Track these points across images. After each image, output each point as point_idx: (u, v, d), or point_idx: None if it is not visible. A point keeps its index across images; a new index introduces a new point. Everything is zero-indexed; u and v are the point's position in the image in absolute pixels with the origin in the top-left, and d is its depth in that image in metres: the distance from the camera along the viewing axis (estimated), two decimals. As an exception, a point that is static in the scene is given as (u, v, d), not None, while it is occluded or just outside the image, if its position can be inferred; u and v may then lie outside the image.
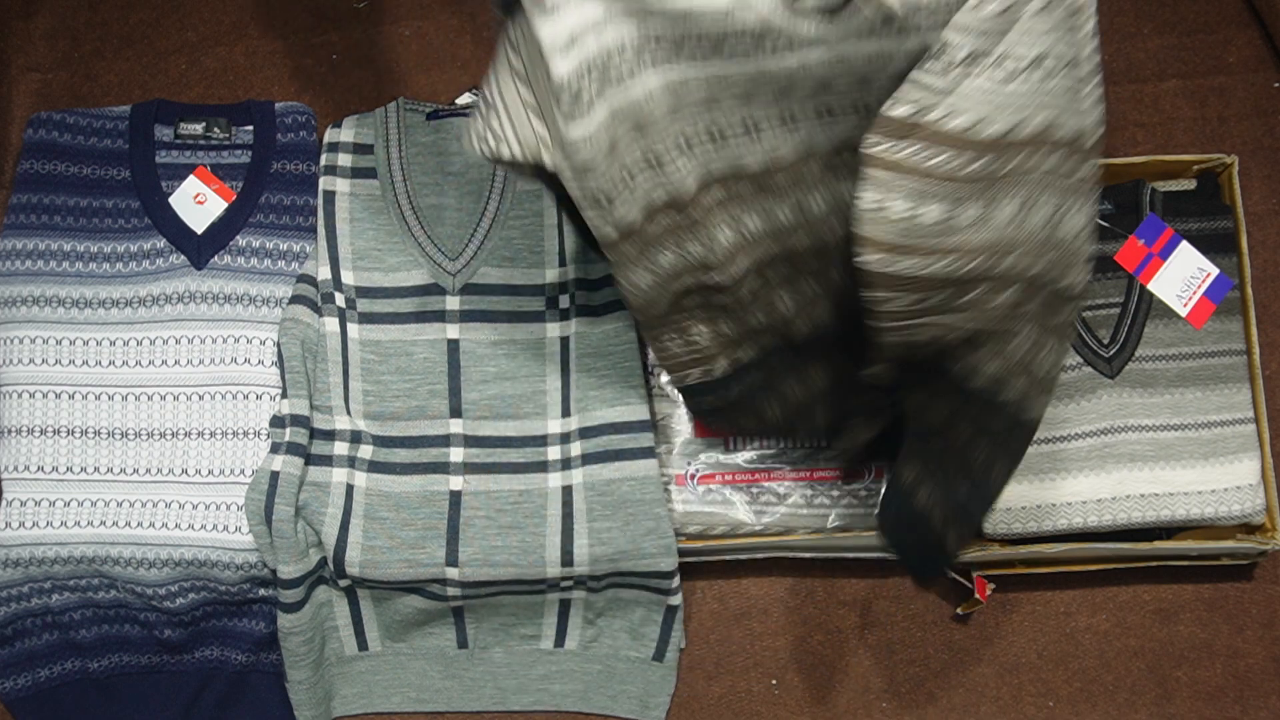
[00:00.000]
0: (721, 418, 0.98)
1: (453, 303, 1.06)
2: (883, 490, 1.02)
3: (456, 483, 1.03)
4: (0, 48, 1.22)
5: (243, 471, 1.03)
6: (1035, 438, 1.01)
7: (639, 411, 1.02)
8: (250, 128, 1.13)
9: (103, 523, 1.02)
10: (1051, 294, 0.74)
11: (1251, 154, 1.17)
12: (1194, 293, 1.04)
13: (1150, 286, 1.05)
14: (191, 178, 1.11)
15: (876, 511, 1.01)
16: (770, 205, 0.79)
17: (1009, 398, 0.78)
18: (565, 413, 1.04)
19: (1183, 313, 1.04)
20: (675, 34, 0.69)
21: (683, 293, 0.84)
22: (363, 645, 1.06)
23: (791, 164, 0.77)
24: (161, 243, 1.08)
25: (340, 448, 1.02)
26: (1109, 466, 1.01)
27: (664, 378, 1.06)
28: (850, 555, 1.05)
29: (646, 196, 0.76)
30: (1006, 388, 0.78)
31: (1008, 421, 0.80)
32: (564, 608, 1.04)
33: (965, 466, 0.82)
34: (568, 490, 1.01)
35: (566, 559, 0.99)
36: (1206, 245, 1.05)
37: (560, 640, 1.06)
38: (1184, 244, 1.05)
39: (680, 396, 1.06)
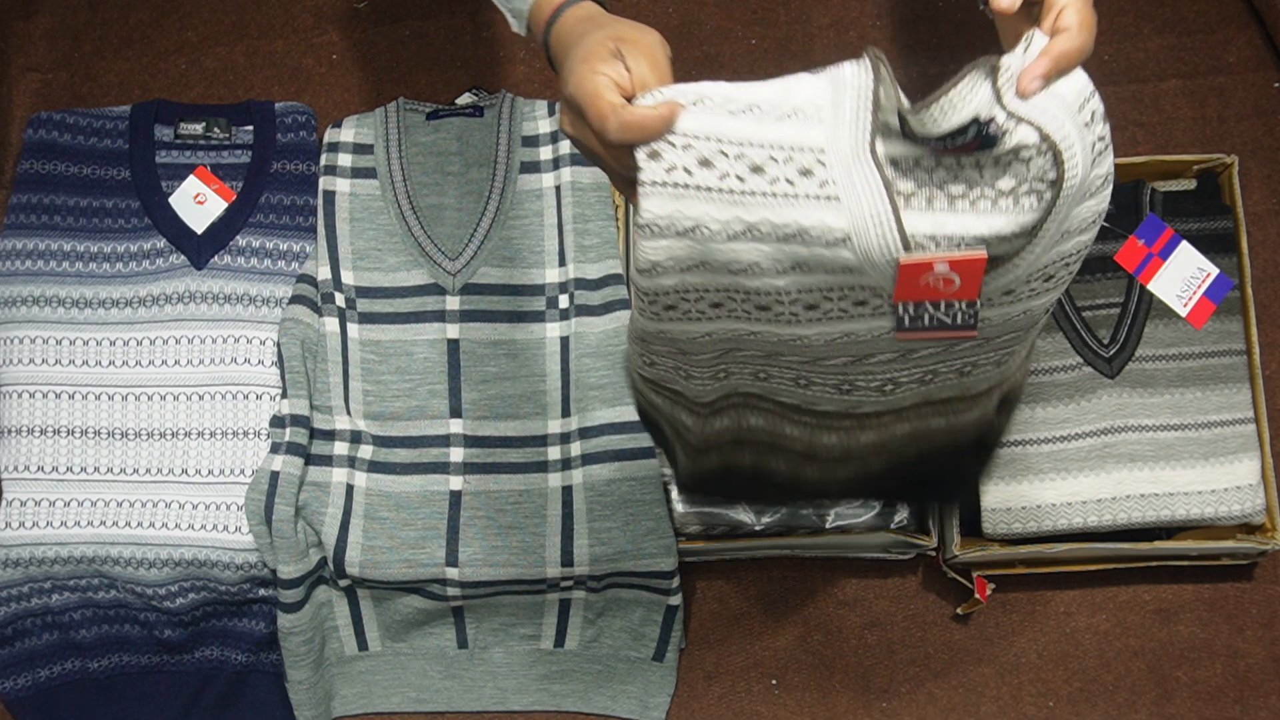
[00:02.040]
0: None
1: (452, 303, 1.06)
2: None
3: (456, 483, 1.02)
4: (0, 48, 1.22)
5: (243, 471, 1.03)
6: (1036, 438, 1.01)
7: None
8: (250, 128, 1.13)
9: (103, 523, 1.02)
10: None
11: (1251, 154, 1.16)
12: (1194, 293, 1.04)
13: (1150, 286, 1.04)
14: (191, 178, 1.11)
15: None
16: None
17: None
18: (565, 413, 1.04)
19: (1183, 313, 1.04)
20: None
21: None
22: (363, 645, 1.06)
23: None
24: (161, 243, 1.08)
25: (340, 448, 1.02)
26: (1109, 466, 1.01)
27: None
28: (850, 555, 1.05)
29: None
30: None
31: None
32: (564, 608, 1.04)
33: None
34: (568, 490, 1.01)
35: (566, 559, 0.99)
36: (1206, 245, 1.05)
37: (560, 640, 1.06)
38: (1184, 244, 1.05)
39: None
